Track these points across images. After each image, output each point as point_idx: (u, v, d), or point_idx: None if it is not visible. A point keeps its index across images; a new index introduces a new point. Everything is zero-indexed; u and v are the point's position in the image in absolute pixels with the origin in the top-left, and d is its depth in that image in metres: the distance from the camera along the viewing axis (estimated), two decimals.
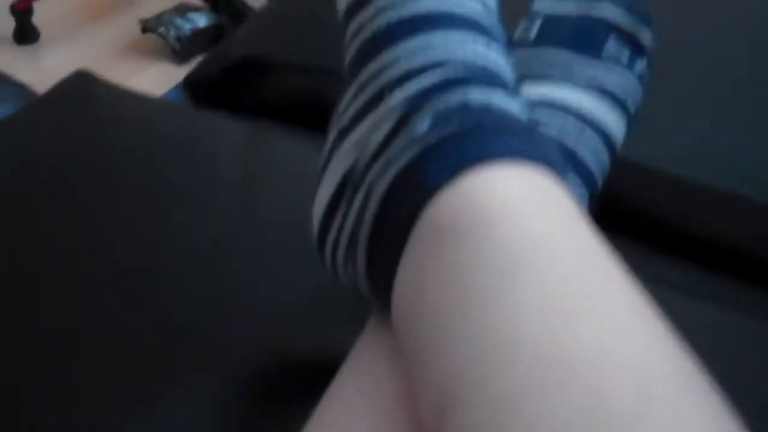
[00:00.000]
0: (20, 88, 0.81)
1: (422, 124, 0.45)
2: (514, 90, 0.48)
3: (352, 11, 0.52)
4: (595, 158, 0.59)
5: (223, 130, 0.78)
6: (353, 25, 0.52)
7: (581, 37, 0.62)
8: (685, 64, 0.81)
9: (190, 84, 0.89)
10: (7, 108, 0.81)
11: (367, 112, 0.48)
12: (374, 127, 0.47)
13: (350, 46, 0.52)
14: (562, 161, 0.46)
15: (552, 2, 0.65)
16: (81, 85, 0.81)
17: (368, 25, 0.50)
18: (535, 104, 0.59)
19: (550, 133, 0.58)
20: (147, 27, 2.01)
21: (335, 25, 0.57)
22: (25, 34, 2.09)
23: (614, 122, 0.60)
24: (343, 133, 0.50)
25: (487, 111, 0.45)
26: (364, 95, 0.49)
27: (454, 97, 0.46)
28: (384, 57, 0.49)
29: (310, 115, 0.81)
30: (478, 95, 0.46)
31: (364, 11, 0.51)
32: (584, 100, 0.60)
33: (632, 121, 0.62)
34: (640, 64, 0.63)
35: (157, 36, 2.01)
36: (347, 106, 0.51)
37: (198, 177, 0.71)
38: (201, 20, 2.03)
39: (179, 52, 1.98)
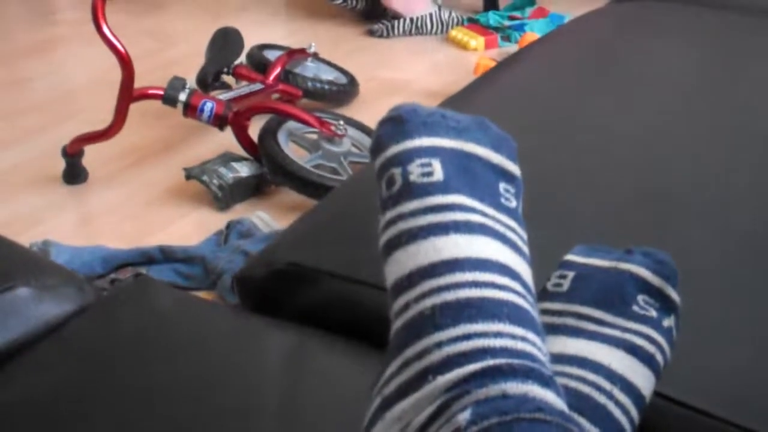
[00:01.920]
0: (82, 286, 0.87)
1: (464, 414, 0.49)
2: (550, 378, 0.52)
3: (399, 288, 0.57)
4: (625, 414, 0.62)
5: (265, 338, 0.82)
6: (400, 301, 0.56)
7: (611, 293, 0.67)
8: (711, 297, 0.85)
9: (239, 282, 0.94)
10: (70, 305, 0.86)
11: (410, 389, 0.53)
12: (417, 407, 0.51)
13: (396, 320, 0.56)
14: None
15: (584, 255, 0.70)
16: (139, 288, 0.86)
17: (414, 306, 0.55)
18: (569, 359, 0.63)
19: (583, 390, 0.62)
20: (191, 174, 2.09)
21: (377, 239, 0.62)
22: (74, 174, 2.18)
23: (642, 379, 0.64)
24: (387, 404, 0.54)
25: (524, 402, 0.49)
26: (407, 372, 0.53)
27: (494, 387, 0.50)
28: (427, 340, 0.53)
29: (349, 324, 0.85)
30: (515, 385, 0.50)
31: (410, 291, 0.56)
32: (614, 358, 0.64)
33: (660, 374, 0.66)
34: (668, 321, 0.67)
35: (200, 183, 2.09)
36: (391, 377, 0.55)
37: (238, 394, 0.75)
38: (243, 170, 2.11)
39: (220, 200, 2.06)
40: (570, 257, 0.70)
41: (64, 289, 0.85)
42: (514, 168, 0.63)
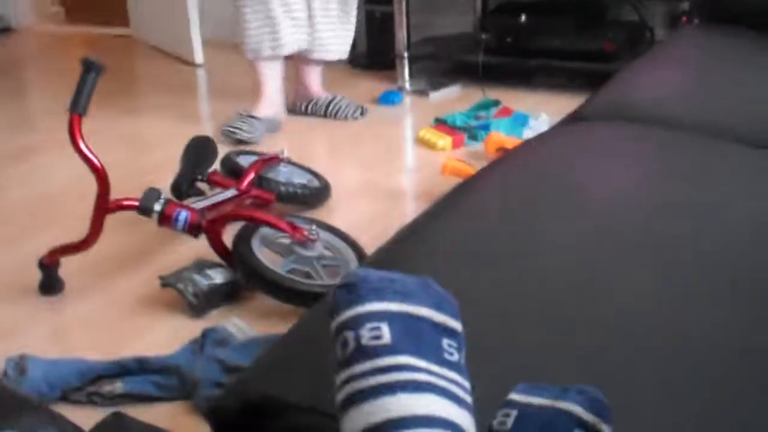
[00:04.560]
0: (64, 427, 0.91)
1: None
2: None
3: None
4: None
5: None
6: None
7: (550, 429, 0.73)
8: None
9: (212, 414, 0.98)
10: None
11: None
12: None
13: None
14: None
15: (526, 394, 0.76)
16: (114, 426, 0.91)
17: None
18: None
19: None
20: (166, 282, 2.15)
21: None
22: (50, 286, 2.22)
23: None
24: None
25: None
26: None
27: None
28: None
29: None
30: None
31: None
32: None
33: None
34: None
35: (175, 291, 2.14)
36: None
37: None
38: (218, 276, 2.16)
39: (195, 307, 2.10)
40: (512, 396, 0.76)
41: (45, 430, 0.89)
42: (456, 324, 0.70)
